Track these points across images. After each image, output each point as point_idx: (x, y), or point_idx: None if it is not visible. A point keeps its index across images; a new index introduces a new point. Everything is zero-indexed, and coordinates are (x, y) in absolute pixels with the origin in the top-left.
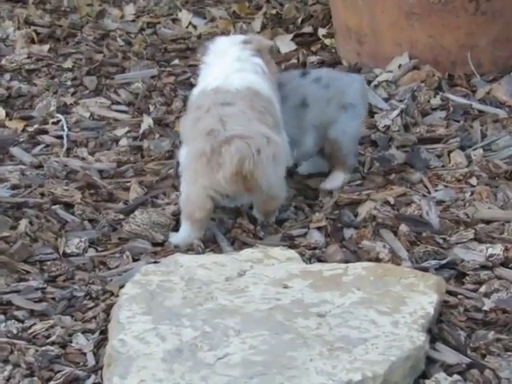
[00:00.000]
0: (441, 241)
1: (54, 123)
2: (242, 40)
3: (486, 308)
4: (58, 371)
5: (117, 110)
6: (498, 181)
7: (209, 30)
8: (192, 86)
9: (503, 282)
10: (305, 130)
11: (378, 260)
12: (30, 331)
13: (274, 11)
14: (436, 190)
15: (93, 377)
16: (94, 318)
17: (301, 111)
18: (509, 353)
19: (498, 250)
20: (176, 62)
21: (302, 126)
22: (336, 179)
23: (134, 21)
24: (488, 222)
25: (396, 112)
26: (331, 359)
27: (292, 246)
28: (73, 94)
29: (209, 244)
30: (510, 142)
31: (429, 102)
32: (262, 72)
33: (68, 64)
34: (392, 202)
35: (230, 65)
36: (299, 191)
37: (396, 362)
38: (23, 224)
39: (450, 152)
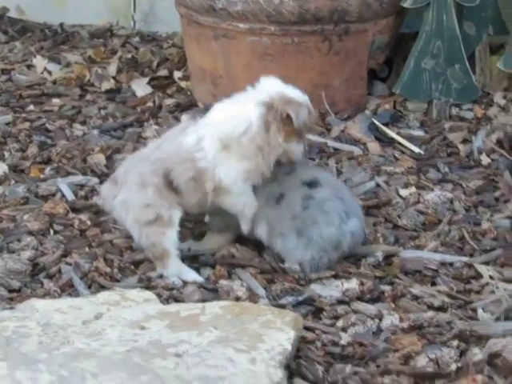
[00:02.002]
0: (298, 278)
1: None
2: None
3: (343, 342)
4: None
5: None
6: None
7: (64, 75)
8: (48, 131)
9: (360, 315)
10: None
11: (236, 299)
12: None
13: (129, 55)
14: None
15: None
16: None
17: None
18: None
19: (353, 284)
20: (31, 107)
21: None
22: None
23: None
24: (346, 257)
25: None
26: None
27: (149, 288)
28: None
29: (65, 288)
30: (365, 178)
31: None
32: None
33: None
34: None
35: None
36: None
37: None
38: None
39: None
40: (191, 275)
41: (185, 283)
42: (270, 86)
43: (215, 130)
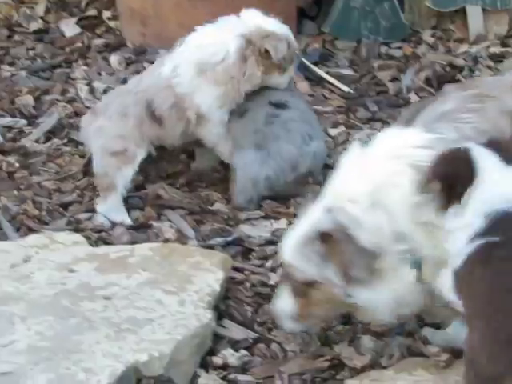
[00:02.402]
0: (227, 218)
1: None
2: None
3: (272, 282)
4: None
5: None
6: None
7: None
8: None
9: None
10: None
11: (165, 240)
12: None
13: None
14: None
15: None
16: None
17: None
18: None
19: (283, 224)
20: None
21: None
22: None
23: None
24: (275, 198)
25: None
26: (118, 341)
27: (78, 230)
28: None
29: None
30: None
31: None
32: None
33: None
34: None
35: None
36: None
37: (182, 341)
38: None
39: None
40: (120, 217)
41: (113, 225)
42: (251, 19)
43: (191, 56)
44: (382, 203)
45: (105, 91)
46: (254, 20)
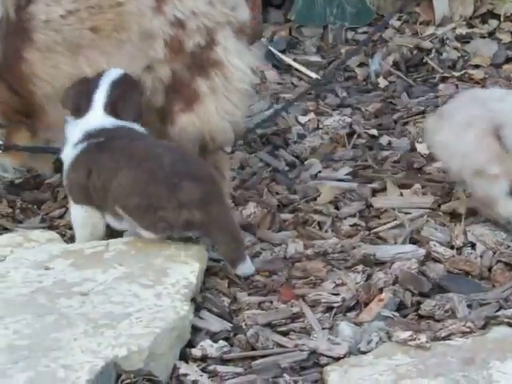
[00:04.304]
0: None
1: None
2: None
3: None
4: None
5: None
6: (254, 146)
7: None
8: None
9: (265, 244)
10: None
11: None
12: None
13: None
14: None
15: None
16: None
17: None
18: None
19: (252, 208)
20: None
21: None
22: None
23: None
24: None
25: None
26: (96, 337)
27: (52, 227)
28: None
29: None
30: (263, 106)
31: None
32: None
33: None
34: None
35: None
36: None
37: (161, 334)
38: None
39: None
40: None
41: None
42: None
43: None
44: None
45: None
46: None
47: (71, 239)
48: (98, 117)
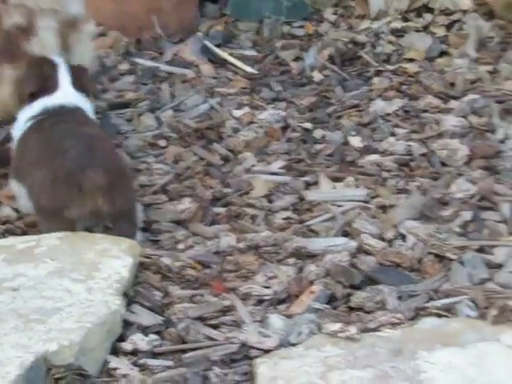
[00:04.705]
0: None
1: None
2: None
3: (181, 265)
4: None
5: None
6: (189, 140)
7: None
8: None
9: (197, 238)
10: None
11: None
12: None
13: None
14: None
15: None
16: None
17: None
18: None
19: (187, 203)
20: None
21: None
22: None
23: None
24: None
25: None
26: (26, 331)
27: None
28: None
29: None
30: (198, 100)
31: (117, 67)
32: None
33: None
34: None
35: None
36: None
37: (92, 329)
38: None
39: (139, 115)
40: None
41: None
42: None
43: None
44: None
45: None
46: None
47: (3, 234)
48: (67, 94)
